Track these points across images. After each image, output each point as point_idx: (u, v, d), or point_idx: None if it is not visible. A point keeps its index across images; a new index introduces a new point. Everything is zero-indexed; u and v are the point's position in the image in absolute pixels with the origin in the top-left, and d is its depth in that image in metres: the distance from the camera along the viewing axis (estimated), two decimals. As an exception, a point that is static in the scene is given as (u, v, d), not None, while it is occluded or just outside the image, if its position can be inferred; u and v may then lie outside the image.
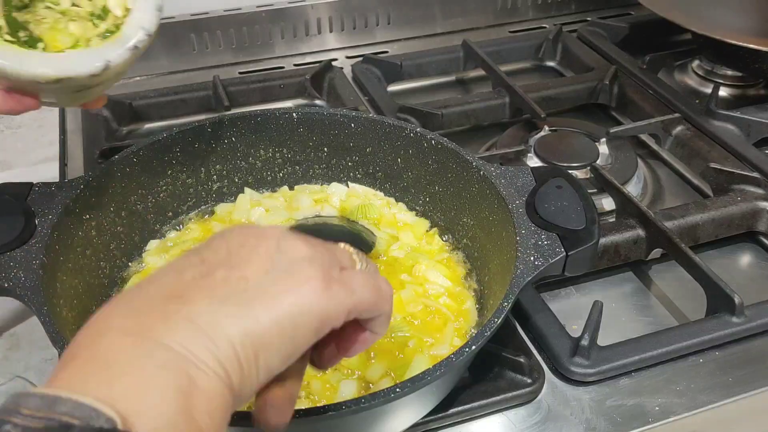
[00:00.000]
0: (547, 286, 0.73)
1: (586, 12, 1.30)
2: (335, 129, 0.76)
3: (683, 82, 1.10)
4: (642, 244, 0.74)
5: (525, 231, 0.60)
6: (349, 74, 1.09)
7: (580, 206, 0.62)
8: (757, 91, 1.06)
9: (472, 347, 0.50)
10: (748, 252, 0.80)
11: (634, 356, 0.63)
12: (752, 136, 0.92)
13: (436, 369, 0.49)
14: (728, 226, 0.78)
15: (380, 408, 0.48)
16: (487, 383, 0.61)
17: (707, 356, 0.65)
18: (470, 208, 0.69)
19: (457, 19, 1.25)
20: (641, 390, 0.62)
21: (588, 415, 0.60)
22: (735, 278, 0.70)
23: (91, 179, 0.65)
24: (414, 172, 0.75)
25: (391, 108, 0.98)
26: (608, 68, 1.05)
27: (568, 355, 0.62)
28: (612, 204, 0.82)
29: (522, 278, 0.56)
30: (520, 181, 0.65)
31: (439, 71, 1.13)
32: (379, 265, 0.69)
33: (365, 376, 0.58)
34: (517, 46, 1.17)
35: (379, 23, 1.21)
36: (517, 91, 0.97)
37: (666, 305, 0.72)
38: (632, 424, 0.59)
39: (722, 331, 0.65)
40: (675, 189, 0.89)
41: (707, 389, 0.62)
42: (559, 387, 0.62)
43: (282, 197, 0.78)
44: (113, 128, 0.97)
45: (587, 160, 0.86)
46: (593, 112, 1.04)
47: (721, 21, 1.02)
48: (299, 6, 1.15)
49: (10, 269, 0.56)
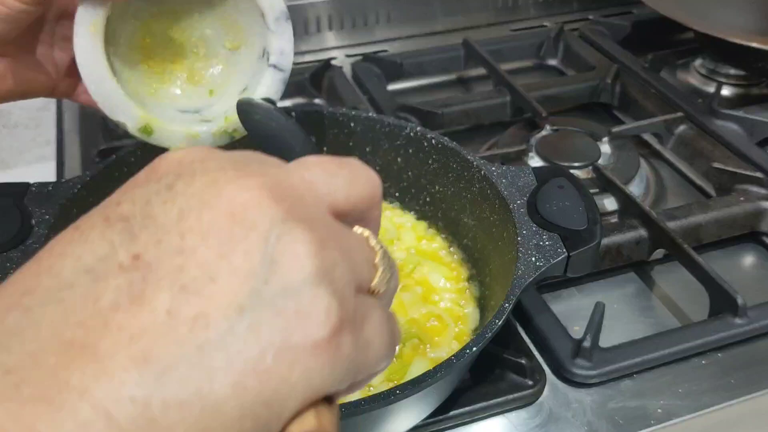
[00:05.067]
0: (548, 287, 0.72)
1: (588, 10, 1.29)
2: (335, 128, 0.76)
3: (686, 81, 1.09)
4: (644, 245, 0.74)
5: (526, 231, 0.59)
6: (349, 73, 1.09)
7: (581, 206, 0.61)
8: (761, 90, 1.06)
9: (472, 349, 0.50)
10: (751, 253, 0.79)
11: (637, 358, 0.62)
12: (755, 136, 0.92)
13: (436, 371, 0.48)
14: (731, 227, 0.78)
15: (380, 410, 0.48)
16: (487, 385, 0.60)
17: (710, 358, 0.64)
18: (471, 207, 0.69)
19: (458, 18, 1.24)
20: (643, 392, 0.61)
21: (590, 418, 0.59)
22: (738, 279, 0.69)
23: (89, 179, 0.65)
24: (414, 172, 0.74)
25: (391, 107, 0.97)
26: (610, 67, 1.04)
27: (570, 356, 0.62)
28: (614, 204, 0.81)
29: (523, 279, 0.55)
30: (521, 181, 0.64)
31: (440, 70, 1.12)
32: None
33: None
34: (518, 45, 1.17)
35: (379, 21, 1.20)
36: (519, 90, 0.97)
37: (668, 306, 0.72)
38: (634, 426, 0.59)
39: (725, 333, 0.64)
40: (677, 189, 0.89)
41: (710, 391, 0.62)
42: (560, 389, 0.62)
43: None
44: (111, 127, 0.96)
45: (589, 159, 0.85)
46: (595, 112, 1.04)
47: (724, 20, 1.02)
48: (298, 4, 1.14)
49: (6, 270, 0.56)
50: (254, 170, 0.25)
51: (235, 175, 0.24)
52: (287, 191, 0.25)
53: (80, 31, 0.52)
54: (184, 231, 0.23)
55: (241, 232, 0.23)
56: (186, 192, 0.24)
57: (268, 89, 0.59)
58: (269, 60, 0.59)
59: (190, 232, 0.23)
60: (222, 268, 0.22)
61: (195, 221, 0.23)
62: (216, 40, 0.61)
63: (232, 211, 0.23)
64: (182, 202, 0.23)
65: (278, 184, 0.25)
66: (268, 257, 0.23)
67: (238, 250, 0.23)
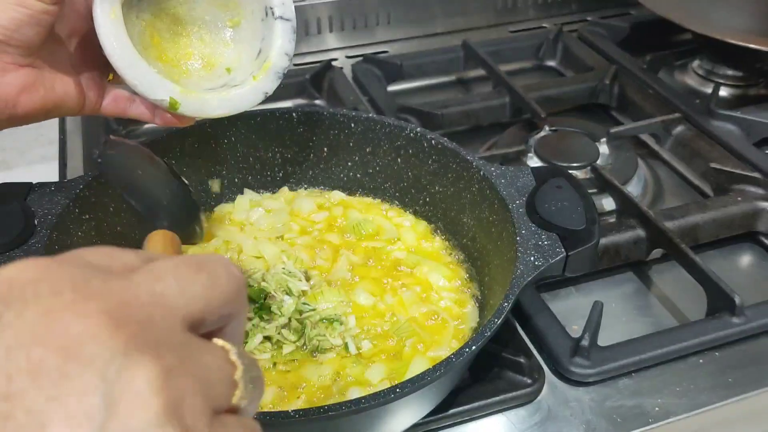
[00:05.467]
0: (547, 286, 0.73)
1: (587, 12, 1.30)
2: (335, 129, 0.76)
3: (684, 82, 1.10)
4: (642, 245, 0.74)
5: (525, 231, 0.60)
6: (349, 74, 1.09)
7: (580, 206, 0.62)
8: (758, 91, 1.06)
9: (472, 348, 0.50)
10: (748, 252, 0.79)
11: (635, 357, 0.63)
12: (753, 136, 0.92)
13: (436, 369, 0.49)
14: (728, 227, 0.78)
15: (380, 408, 0.48)
16: (487, 384, 0.61)
17: (707, 357, 0.65)
18: (470, 208, 0.69)
19: (458, 19, 1.25)
20: (641, 390, 0.62)
21: (588, 416, 0.60)
22: (735, 278, 0.69)
23: (91, 179, 0.65)
24: (414, 172, 0.75)
25: (391, 108, 0.98)
26: (608, 68, 1.05)
27: (568, 355, 0.62)
28: (612, 204, 0.82)
29: (522, 278, 0.56)
30: (520, 181, 0.65)
31: (440, 71, 1.13)
32: (376, 266, 0.69)
33: (365, 378, 0.58)
34: (517, 46, 1.17)
35: (379, 23, 1.21)
36: (518, 91, 0.97)
37: (666, 305, 0.72)
38: (632, 424, 0.59)
39: (722, 332, 0.65)
40: (675, 189, 0.89)
41: (707, 390, 0.62)
42: (559, 387, 0.62)
43: (282, 198, 0.78)
44: (113, 128, 0.97)
45: (587, 160, 0.86)
46: (593, 112, 1.04)
47: (721, 21, 1.02)
48: (299, 6, 1.14)
49: (9, 269, 0.56)
50: (94, 290, 0.23)
51: (71, 300, 0.22)
52: (132, 313, 0.23)
53: (102, 21, 0.53)
54: (12, 372, 0.20)
55: (76, 370, 0.20)
56: (14, 324, 0.21)
57: (282, 42, 0.61)
58: (274, 14, 0.60)
59: (19, 373, 0.20)
60: (54, 414, 0.20)
61: (23, 360, 0.20)
62: (216, 23, 0.63)
63: (66, 344, 0.21)
64: (9, 338, 0.21)
65: (121, 306, 0.23)
66: (106, 398, 0.20)
67: (71, 391, 0.20)
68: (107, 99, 0.59)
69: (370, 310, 0.64)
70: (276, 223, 0.74)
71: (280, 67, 0.61)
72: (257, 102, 0.61)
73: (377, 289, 0.66)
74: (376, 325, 0.63)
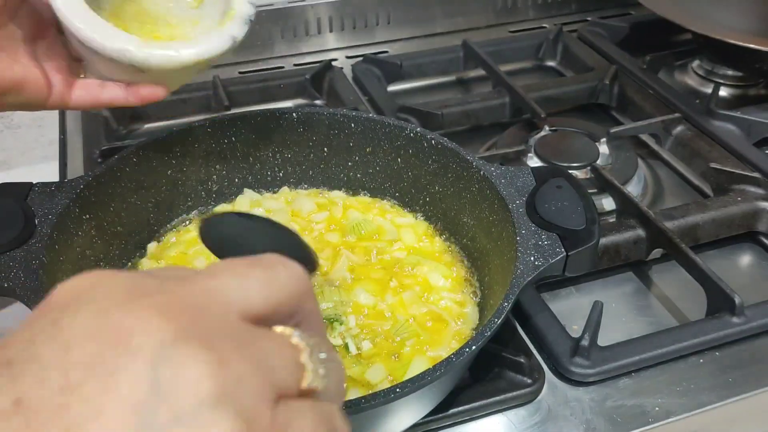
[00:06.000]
0: (547, 286, 0.73)
1: (587, 12, 1.30)
2: (335, 129, 0.76)
3: (683, 82, 1.10)
4: (642, 245, 0.74)
5: (525, 231, 0.60)
6: (349, 74, 1.09)
7: (580, 206, 0.62)
8: (758, 91, 1.06)
9: (472, 347, 0.50)
10: (748, 252, 0.80)
11: (635, 356, 0.63)
12: (753, 136, 0.92)
13: (436, 369, 0.49)
14: (728, 226, 0.78)
15: (380, 408, 0.48)
16: (487, 383, 0.61)
17: (707, 356, 0.65)
18: (470, 208, 0.69)
19: (457, 19, 1.25)
20: (641, 390, 0.62)
21: (588, 416, 0.60)
22: (735, 278, 0.69)
23: (91, 179, 0.65)
24: (414, 172, 0.75)
25: (391, 108, 0.98)
26: (608, 68, 1.05)
27: (569, 355, 0.62)
28: (612, 204, 0.82)
29: (522, 278, 0.56)
30: (520, 181, 0.65)
31: (439, 71, 1.13)
32: (375, 266, 0.69)
33: (364, 378, 0.58)
34: (517, 46, 1.17)
35: (379, 23, 1.21)
36: (518, 91, 0.97)
37: (666, 305, 0.72)
38: (632, 424, 0.59)
39: (722, 332, 0.65)
40: (675, 189, 0.89)
41: (707, 389, 0.62)
42: (559, 387, 0.62)
43: (283, 198, 0.78)
44: (113, 128, 0.97)
45: (587, 160, 0.86)
46: (593, 112, 1.04)
47: (721, 21, 1.02)
48: (299, 6, 1.15)
49: (9, 269, 0.56)
50: (148, 290, 0.24)
51: (124, 299, 0.23)
52: (184, 306, 0.24)
53: None
54: (69, 367, 0.22)
55: (126, 360, 0.22)
56: (71, 325, 0.23)
57: None
58: None
59: (75, 367, 0.22)
60: (108, 402, 0.21)
61: (79, 354, 0.22)
62: (180, 5, 0.63)
63: (117, 337, 0.22)
64: (67, 336, 0.22)
65: (173, 300, 0.24)
66: (156, 385, 0.21)
67: (123, 380, 0.21)
68: (77, 89, 0.59)
69: (370, 310, 0.64)
70: (278, 223, 0.73)
71: (246, 13, 0.60)
72: (226, 47, 0.58)
73: (377, 289, 0.66)
74: (376, 325, 0.63)
